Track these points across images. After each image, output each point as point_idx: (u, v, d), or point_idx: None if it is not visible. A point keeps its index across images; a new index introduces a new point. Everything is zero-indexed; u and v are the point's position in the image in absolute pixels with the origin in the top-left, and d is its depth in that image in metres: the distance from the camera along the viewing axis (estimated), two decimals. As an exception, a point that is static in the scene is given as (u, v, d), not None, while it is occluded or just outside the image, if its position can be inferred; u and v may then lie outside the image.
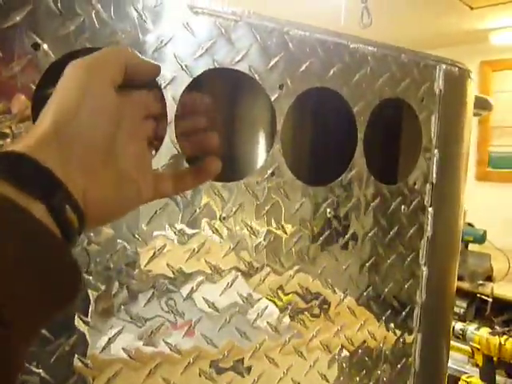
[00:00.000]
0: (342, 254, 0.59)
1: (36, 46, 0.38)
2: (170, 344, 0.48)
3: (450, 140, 0.69)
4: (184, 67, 0.44)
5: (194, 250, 0.47)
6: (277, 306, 0.54)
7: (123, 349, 0.45)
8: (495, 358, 1.55)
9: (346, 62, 0.54)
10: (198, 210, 0.47)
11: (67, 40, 0.40)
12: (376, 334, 0.64)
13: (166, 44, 0.44)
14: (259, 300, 0.53)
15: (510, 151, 3.90)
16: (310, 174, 0.59)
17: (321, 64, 0.52)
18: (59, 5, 0.39)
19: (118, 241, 0.45)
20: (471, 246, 3.64)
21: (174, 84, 0.44)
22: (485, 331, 1.58)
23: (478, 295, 3.18)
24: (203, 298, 0.49)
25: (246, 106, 0.56)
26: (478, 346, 1.57)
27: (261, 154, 0.51)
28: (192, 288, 0.48)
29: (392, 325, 0.65)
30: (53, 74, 0.39)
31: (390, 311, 0.65)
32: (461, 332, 1.65)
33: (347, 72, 0.55)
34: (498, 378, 1.72)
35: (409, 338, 0.68)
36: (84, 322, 0.44)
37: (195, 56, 0.45)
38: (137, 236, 0.45)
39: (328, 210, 0.56)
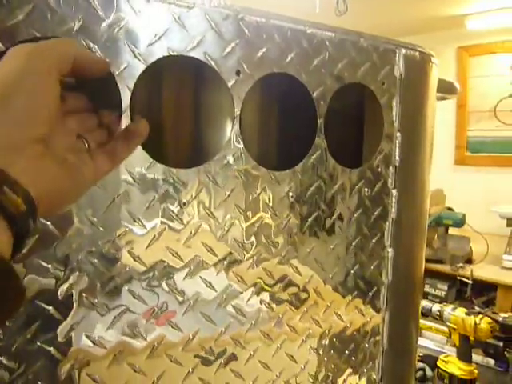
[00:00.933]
0: (305, 238, 0.60)
1: (-17, 36, 0.38)
2: (136, 331, 0.48)
3: (413, 123, 0.70)
4: (137, 55, 0.44)
5: (154, 236, 0.48)
6: (241, 291, 0.55)
7: (87, 336, 0.46)
8: (471, 338, 1.59)
9: (303, 47, 0.55)
10: (156, 197, 0.47)
11: (16, 29, 0.40)
12: (343, 314, 0.65)
13: (118, 32, 0.44)
14: (224, 286, 0.54)
15: (487, 135, 3.96)
16: (271, 159, 0.60)
17: (278, 50, 0.53)
18: (6, -6, 0.39)
19: (81, 230, 0.45)
20: (451, 230, 3.69)
21: (127, 72, 0.44)
22: (461, 311, 1.62)
23: (459, 278, 3.24)
24: (167, 284, 0.50)
25: (203, 93, 0.57)
26: (455, 326, 1.61)
27: (220, 141, 0.52)
28: (154, 275, 0.49)
29: (359, 305, 0.67)
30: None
31: (356, 292, 0.66)
32: (438, 313, 1.68)
33: (305, 57, 0.55)
34: (475, 356, 1.76)
35: (376, 318, 0.69)
36: (47, 309, 0.44)
37: (148, 43, 0.45)
38: (99, 226, 0.45)
39: (290, 194, 0.57)
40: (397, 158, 0.67)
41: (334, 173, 0.61)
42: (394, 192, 0.68)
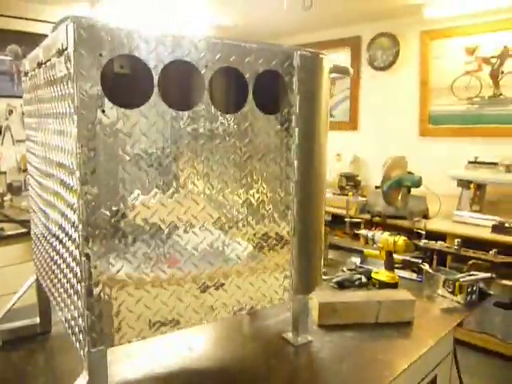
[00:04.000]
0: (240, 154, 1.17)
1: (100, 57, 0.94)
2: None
3: (308, 90, 1.27)
4: (161, 62, 1.01)
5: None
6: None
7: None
8: (393, 252, 2.18)
9: (240, 52, 1.11)
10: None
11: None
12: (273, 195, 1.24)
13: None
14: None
15: (446, 109, 4.52)
16: (224, 108, 1.16)
17: (227, 55, 1.10)
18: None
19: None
20: (413, 192, 4.28)
21: (157, 68, 1.01)
22: (387, 234, 2.21)
23: (415, 230, 3.83)
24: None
25: (191, 76, 1.13)
26: (382, 245, 2.20)
27: (199, 97, 1.08)
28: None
29: (280, 192, 1.25)
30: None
31: (280, 183, 1.24)
32: (372, 237, 2.28)
33: (242, 57, 1.12)
34: (403, 273, 2.36)
35: (287, 197, 1.27)
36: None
37: (165, 56, 1.02)
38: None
39: (235, 126, 1.14)
40: (297, 110, 1.24)
41: (259, 117, 1.18)
42: (296, 129, 1.25)
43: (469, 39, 4.24)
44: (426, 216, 4.07)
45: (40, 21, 4.17)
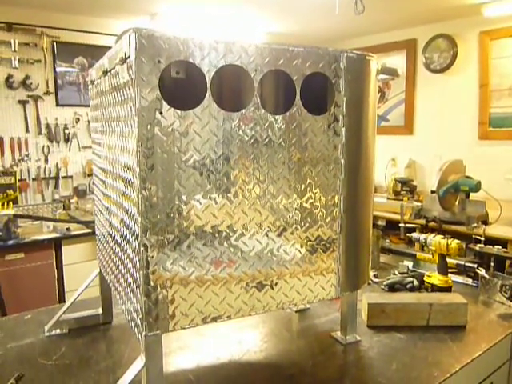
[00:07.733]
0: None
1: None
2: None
3: (355, 91, 1.30)
4: (214, 65, 1.08)
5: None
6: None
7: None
8: (446, 255, 2.14)
9: (288, 56, 1.17)
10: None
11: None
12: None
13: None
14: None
15: (508, 112, 4.34)
16: (273, 108, 1.22)
17: (275, 58, 1.15)
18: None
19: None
20: (471, 197, 4.13)
21: (209, 72, 1.08)
22: (439, 237, 2.17)
23: (474, 236, 3.69)
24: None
25: (240, 79, 1.19)
26: (434, 248, 2.17)
27: (249, 99, 1.14)
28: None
29: (328, 191, 1.29)
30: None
31: (327, 179, 1.28)
32: (424, 240, 2.24)
33: (290, 60, 1.17)
34: (457, 278, 2.30)
35: (335, 197, 1.31)
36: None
37: (217, 61, 1.09)
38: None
39: (283, 126, 1.19)
40: (344, 110, 1.28)
41: (307, 117, 1.23)
42: (343, 129, 1.29)
43: (532, 38, 4.07)
44: (485, 222, 3.92)
45: (104, 34, 4.44)
